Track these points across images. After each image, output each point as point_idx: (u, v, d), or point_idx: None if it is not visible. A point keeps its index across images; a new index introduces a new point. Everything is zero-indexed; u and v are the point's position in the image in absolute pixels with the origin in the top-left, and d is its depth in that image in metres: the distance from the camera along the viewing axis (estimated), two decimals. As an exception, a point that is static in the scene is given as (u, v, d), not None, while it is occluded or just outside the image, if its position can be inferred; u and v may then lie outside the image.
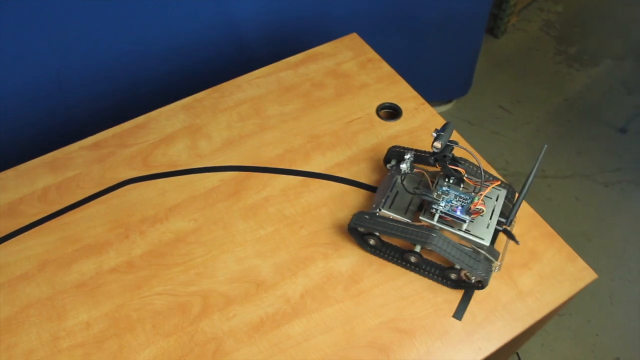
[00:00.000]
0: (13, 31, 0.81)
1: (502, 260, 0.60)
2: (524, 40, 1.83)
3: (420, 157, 0.64)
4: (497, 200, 0.61)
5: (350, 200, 0.68)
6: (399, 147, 0.67)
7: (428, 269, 0.62)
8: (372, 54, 0.87)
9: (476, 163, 0.64)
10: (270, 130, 0.76)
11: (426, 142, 0.74)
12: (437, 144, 0.57)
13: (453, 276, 0.60)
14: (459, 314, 0.60)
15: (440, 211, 0.59)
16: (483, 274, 0.56)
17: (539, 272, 0.62)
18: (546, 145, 0.59)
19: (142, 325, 0.60)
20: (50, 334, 0.60)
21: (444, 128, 0.58)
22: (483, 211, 0.58)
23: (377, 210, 0.62)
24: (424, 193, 0.60)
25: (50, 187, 0.72)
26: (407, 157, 0.63)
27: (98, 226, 0.68)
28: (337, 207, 0.68)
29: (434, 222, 0.59)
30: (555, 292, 0.61)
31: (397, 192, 0.64)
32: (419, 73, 1.34)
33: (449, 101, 1.62)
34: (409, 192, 0.63)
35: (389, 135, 0.75)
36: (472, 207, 0.58)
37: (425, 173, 0.65)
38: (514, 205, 0.58)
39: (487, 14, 1.31)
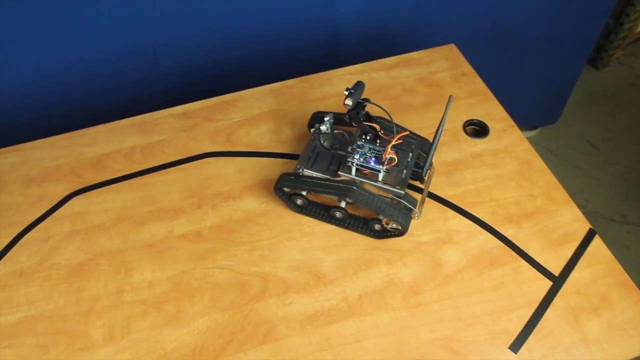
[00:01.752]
0: (117, 6, 0.85)
1: (420, 208, 0.64)
2: (626, 76, 1.74)
3: (340, 119, 0.67)
4: (411, 152, 0.65)
5: (424, 211, 0.67)
6: (321, 112, 0.70)
7: (353, 222, 0.65)
8: (467, 67, 0.85)
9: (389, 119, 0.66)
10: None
11: (509, 167, 0.72)
12: (348, 102, 0.61)
13: (377, 227, 0.64)
14: (516, 346, 0.58)
15: (356, 164, 0.62)
16: (403, 221, 0.61)
17: (608, 321, 0.59)
18: (452, 96, 0.62)
19: (201, 295, 0.61)
20: (115, 286, 0.63)
21: (355, 87, 0.61)
22: (395, 160, 0.62)
23: (300, 170, 0.65)
24: (339, 149, 0.64)
25: (137, 147, 0.75)
26: (326, 119, 0.66)
27: (174, 192, 0.70)
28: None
29: (353, 176, 0.63)
30: (624, 346, 0.57)
31: (319, 152, 0.67)
32: (509, 93, 1.29)
33: (535, 127, 1.57)
34: (327, 150, 0.65)
35: (472, 152, 0.74)
36: (383, 156, 0.61)
37: (344, 134, 0.68)
38: (427, 156, 0.63)
39: (592, 44, 1.26)
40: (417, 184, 0.67)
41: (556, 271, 0.62)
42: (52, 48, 0.86)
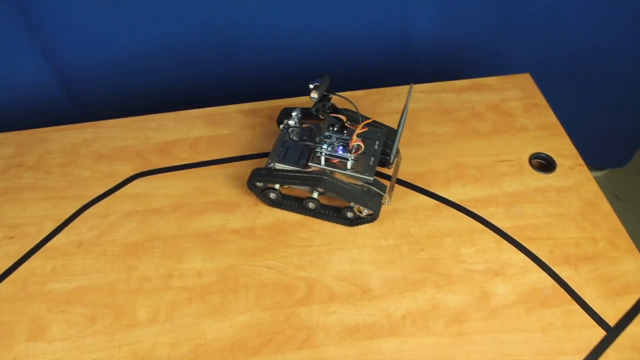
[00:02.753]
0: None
1: (389, 193, 0.66)
2: None
3: (308, 113, 0.69)
4: (378, 140, 0.67)
5: (478, 240, 0.66)
6: (289, 107, 0.73)
7: (327, 212, 0.67)
8: (540, 99, 0.83)
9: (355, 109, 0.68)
10: (417, 146, 0.76)
11: (572, 206, 0.70)
12: (314, 94, 0.63)
13: (349, 214, 0.66)
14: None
15: (325, 154, 0.64)
16: (374, 207, 0.64)
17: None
18: (412, 85, 0.63)
19: (246, 291, 0.62)
20: (166, 270, 0.64)
21: (320, 80, 0.63)
22: (362, 148, 0.65)
23: (272, 164, 0.67)
24: (307, 140, 0.67)
25: (202, 138, 0.77)
26: (294, 113, 0.69)
27: (233, 187, 0.71)
28: (463, 242, 0.66)
29: (322, 166, 0.65)
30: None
31: (289, 146, 0.68)
32: (579, 128, 1.25)
33: (602, 168, 1.51)
34: (296, 142, 0.68)
35: (535, 187, 0.72)
36: (350, 144, 0.64)
37: (312, 127, 0.70)
38: (393, 142, 0.65)
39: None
40: (386, 171, 0.70)
41: (612, 321, 0.59)
42: (134, 32, 0.89)
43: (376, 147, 0.67)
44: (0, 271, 0.65)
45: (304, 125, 0.70)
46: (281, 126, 0.72)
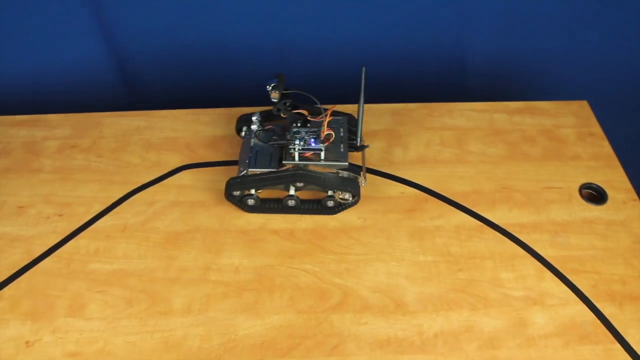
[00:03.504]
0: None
1: (364, 175, 0.69)
2: None
3: (267, 115, 0.71)
4: (341, 128, 0.70)
5: (519, 265, 0.65)
6: (246, 113, 0.74)
7: (308, 206, 0.69)
8: (596, 128, 0.81)
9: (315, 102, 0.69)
10: (465, 164, 0.75)
11: (622, 242, 0.67)
12: (274, 95, 0.64)
13: (330, 203, 0.68)
14: None
15: (298, 149, 0.66)
16: (353, 190, 0.67)
17: None
18: (364, 67, 0.65)
19: (281, 292, 0.62)
20: (204, 263, 0.65)
21: (276, 80, 0.65)
22: (332, 136, 0.67)
23: (245, 172, 0.67)
24: (278, 140, 0.68)
25: (251, 136, 0.78)
26: (254, 118, 0.70)
27: (277, 187, 0.72)
28: (503, 266, 0.65)
29: (297, 162, 0.66)
30: None
31: (257, 151, 0.70)
32: (635, 162, 1.22)
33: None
34: (266, 144, 0.69)
35: (584, 218, 0.70)
36: (322, 135, 0.66)
37: (275, 128, 0.71)
38: (357, 126, 0.68)
39: None
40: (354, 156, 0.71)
41: (653, 365, 0.57)
42: (196, 25, 0.91)
43: (342, 134, 0.69)
44: (47, 247, 0.67)
45: (266, 128, 0.71)
46: (242, 133, 0.73)
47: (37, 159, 0.77)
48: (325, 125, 0.67)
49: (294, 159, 0.67)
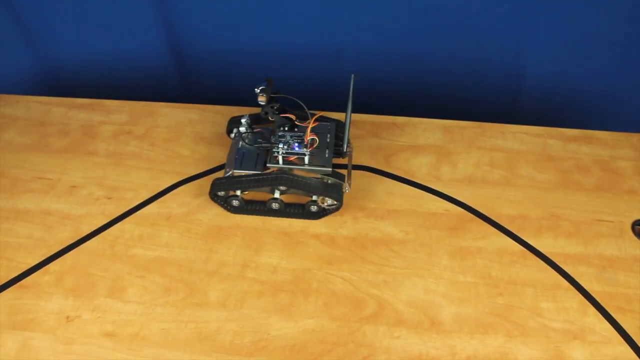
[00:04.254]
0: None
1: (348, 181, 0.69)
2: None
3: (257, 118, 0.72)
4: (329, 133, 0.71)
5: (562, 297, 0.63)
6: (237, 116, 0.74)
7: (291, 210, 0.70)
8: (656, 164, 0.78)
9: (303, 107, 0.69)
10: (514, 188, 0.73)
11: (673, 283, 0.65)
12: (262, 98, 0.65)
13: (314, 208, 0.69)
14: None
15: (282, 153, 0.67)
16: (336, 196, 0.67)
17: None
18: (353, 75, 0.66)
19: (316, 297, 0.62)
20: (243, 259, 0.66)
21: (265, 83, 0.65)
22: (317, 141, 0.68)
23: (230, 172, 0.68)
24: (263, 143, 0.69)
25: (301, 139, 0.79)
26: (243, 120, 0.71)
27: (322, 192, 0.72)
28: (544, 295, 0.63)
29: (281, 165, 0.67)
30: None
31: (244, 153, 0.70)
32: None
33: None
34: (250, 147, 0.70)
35: (634, 255, 0.68)
36: (305, 139, 0.67)
37: (263, 131, 0.72)
38: (344, 132, 0.69)
39: None
40: (340, 161, 0.72)
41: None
42: (253, 27, 0.93)
43: (328, 140, 0.70)
44: (94, 227, 0.69)
45: (255, 131, 0.72)
46: (232, 135, 0.74)
47: (92, 142, 0.79)
48: (309, 131, 0.67)
49: (278, 162, 0.68)
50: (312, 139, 0.67)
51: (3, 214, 0.71)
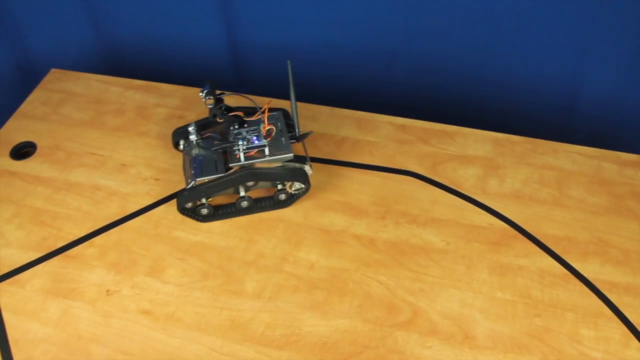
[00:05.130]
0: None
1: (309, 161, 0.70)
2: None
3: (203, 124, 0.72)
4: (279, 122, 0.71)
5: (604, 326, 0.61)
6: (179, 127, 0.75)
7: (262, 204, 0.70)
8: None
9: (249, 103, 0.70)
10: (562, 209, 0.72)
11: None
12: (210, 101, 0.66)
13: (283, 196, 0.69)
14: None
15: (242, 149, 0.67)
16: (303, 179, 0.69)
17: None
18: (290, 61, 0.67)
19: (351, 299, 0.62)
20: (282, 253, 0.66)
21: (207, 86, 0.66)
22: (274, 130, 0.69)
23: (192, 182, 0.67)
24: (222, 144, 0.69)
25: (349, 139, 0.79)
26: (190, 128, 0.70)
27: (366, 194, 0.72)
28: (585, 322, 0.61)
29: (243, 162, 0.67)
30: None
31: (200, 160, 0.69)
32: None
33: None
34: (206, 153, 0.69)
35: (682, 291, 0.65)
36: (263, 131, 0.68)
37: (213, 134, 0.71)
38: (293, 118, 0.70)
39: None
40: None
41: None
42: (309, 23, 0.93)
43: (281, 128, 0.71)
44: (140, 206, 0.71)
45: (204, 136, 0.71)
46: (181, 146, 0.74)
47: (145, 124, 0.81)
48: (266, 121, 0.68)
49: (239, 160, 0.68)
50: (270, 129, 0.68)
51: (56, 185, 0.73)
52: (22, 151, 0.78)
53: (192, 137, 0.70)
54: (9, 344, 0.59)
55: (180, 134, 0.74)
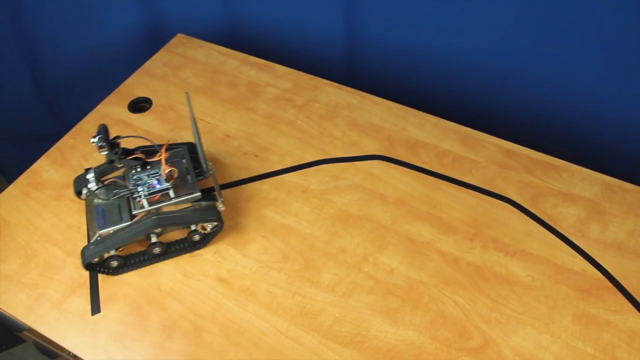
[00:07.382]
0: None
1: (221, 198, 0.66)
2: None
3: (103, 170, 0.66)
4: (184, 159, 0.67)
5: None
6: (80, 175, 0.68)
7: (176, 247, 0.66)
8: None
9: (147, 142, 0.65)
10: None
11: None
12: (103, 149, 0.60)
13: (197, 237, 0.65)
14: None
15: (145, 195, 0.62)
16: (215, 217, 0.64)
17: None
18: (188, 92, 0.65)
19: (424, 313, 0.61)
20: (364, 252, 0.66)
21: (99, 132, 0.60)
22: (175, 172, 0.64)
23: (97, 235, 0.62)
24: (120, 192, 0.63)
25: (451, 153, 0.77)
26: (88, 176, 0.64)
27: (458, 211, 0.70)
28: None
29: (148, 208, 0.62)
30: None
31: (103, 209, 0.64)
32: None
33: None
34: (108, 201, 0.64)
35: None
36: (163, 174, 0.63)
37: (116, 180, 0.66)
38: (198, 153, 0.65)
39: None
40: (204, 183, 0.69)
41: None
42: (427, 29, 0.92)
43: (186, 165, 0.67)
44: (235, 178, 0.73)
45: (106, 183, 0.65)
46: (82, 195, 0.68)
47: (254, 100, 0.84)
48: (164, 163, 0.63)
49: (143, 207, 0.62)
50: (170, 171, 0.63)
51: (163, 142, 0.77)
52: (139, 105, 0.83)
53: (91, 185, 0.64)
54: (97, 280, 0.64)
55: (80, 182, 0.68)
